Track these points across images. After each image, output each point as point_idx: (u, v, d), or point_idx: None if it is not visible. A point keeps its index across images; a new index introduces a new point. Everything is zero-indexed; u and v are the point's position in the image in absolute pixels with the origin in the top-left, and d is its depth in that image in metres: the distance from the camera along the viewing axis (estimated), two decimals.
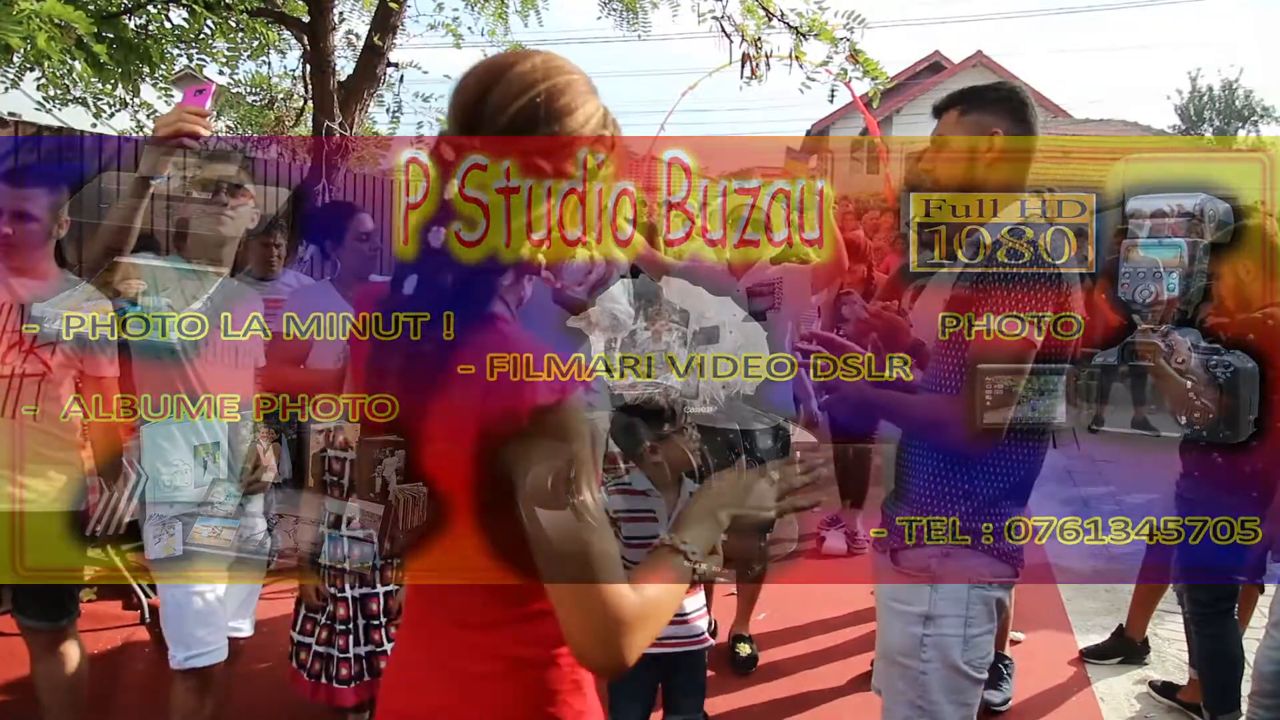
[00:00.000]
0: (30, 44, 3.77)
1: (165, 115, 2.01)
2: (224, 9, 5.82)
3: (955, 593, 1.86)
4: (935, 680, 1.86)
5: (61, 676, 2.71)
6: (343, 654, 2.79)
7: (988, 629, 1.90)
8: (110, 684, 3.40)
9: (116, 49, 5.43)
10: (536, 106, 1.07)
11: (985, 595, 1.88)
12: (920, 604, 1.88)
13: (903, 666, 1.90)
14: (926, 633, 1.87)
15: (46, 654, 2.70)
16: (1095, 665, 3.82)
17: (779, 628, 4.05)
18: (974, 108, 1.94)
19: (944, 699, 1.86)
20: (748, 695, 3.49)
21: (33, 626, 2.70)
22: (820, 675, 3.61)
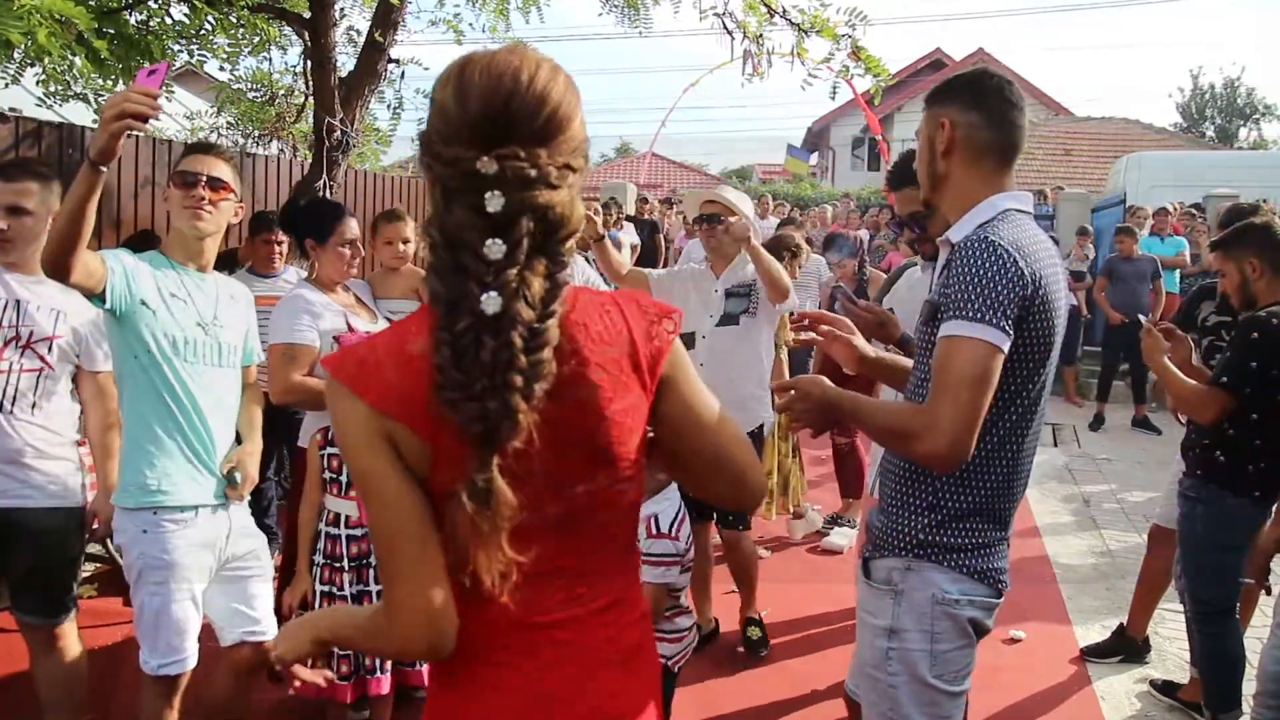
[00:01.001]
0: (31, 40, 3.76)
1: (112, 97, 1.92)
2: (225, 5, 5.80)
3: (918, 607, 1.78)
4: (904, 694, 1.79)
5: (60, 672, 2.71)
6: (341, 651, 2.79)
7: (960, 644, 1.80)
8: (111, 680, 3.39)
9: (117, 45, 5.41)
10: (559, 111, 1.11)
11: (952, 613, 1.77)
12: (884, 617, 1.82)
13: (873, 678, 1.84)
14: (891, 646, 1.80)
15: (45, 650, 2.69)
16: (1096, 664, 3.82)
17: (781, 624, 4.05)
18: (933, 101, 1.87)
19: (915, 711, 1.79)
20: (749, 692, 3.49)
21: (31, 622, 2.69)
22: (821, 672, 3.61)
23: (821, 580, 4.64)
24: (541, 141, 1.09)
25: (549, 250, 1.10)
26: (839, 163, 28.17)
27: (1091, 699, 3.55)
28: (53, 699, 2.71)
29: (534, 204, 1.08)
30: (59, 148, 5.23)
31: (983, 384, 1.61)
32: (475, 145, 1.07)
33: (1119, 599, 4.41)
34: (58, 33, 3.97)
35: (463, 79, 1.11)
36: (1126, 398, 8.96)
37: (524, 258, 1.07)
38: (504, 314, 1.05)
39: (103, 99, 6.34)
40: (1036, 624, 4.15)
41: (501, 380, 1.05)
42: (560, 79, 1.13)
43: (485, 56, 1.12)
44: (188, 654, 2.43)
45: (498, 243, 1.06)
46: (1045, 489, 6.51)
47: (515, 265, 1.06)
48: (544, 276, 1.09)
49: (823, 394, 1.79)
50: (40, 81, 5.85)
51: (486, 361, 1.05)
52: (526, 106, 1.09)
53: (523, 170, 1.07)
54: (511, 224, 1.06)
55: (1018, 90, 1.86)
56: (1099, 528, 5.72)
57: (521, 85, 1.09)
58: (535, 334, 1.07)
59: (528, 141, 1.08)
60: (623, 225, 10.89)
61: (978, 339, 1.61)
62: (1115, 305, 8.69)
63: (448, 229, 1.08)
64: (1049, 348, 1.74)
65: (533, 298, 1.07)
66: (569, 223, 1.12)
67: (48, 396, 2.63)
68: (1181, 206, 10.67)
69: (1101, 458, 7.54)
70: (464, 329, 1.06)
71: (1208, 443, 3.06)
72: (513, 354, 1.05)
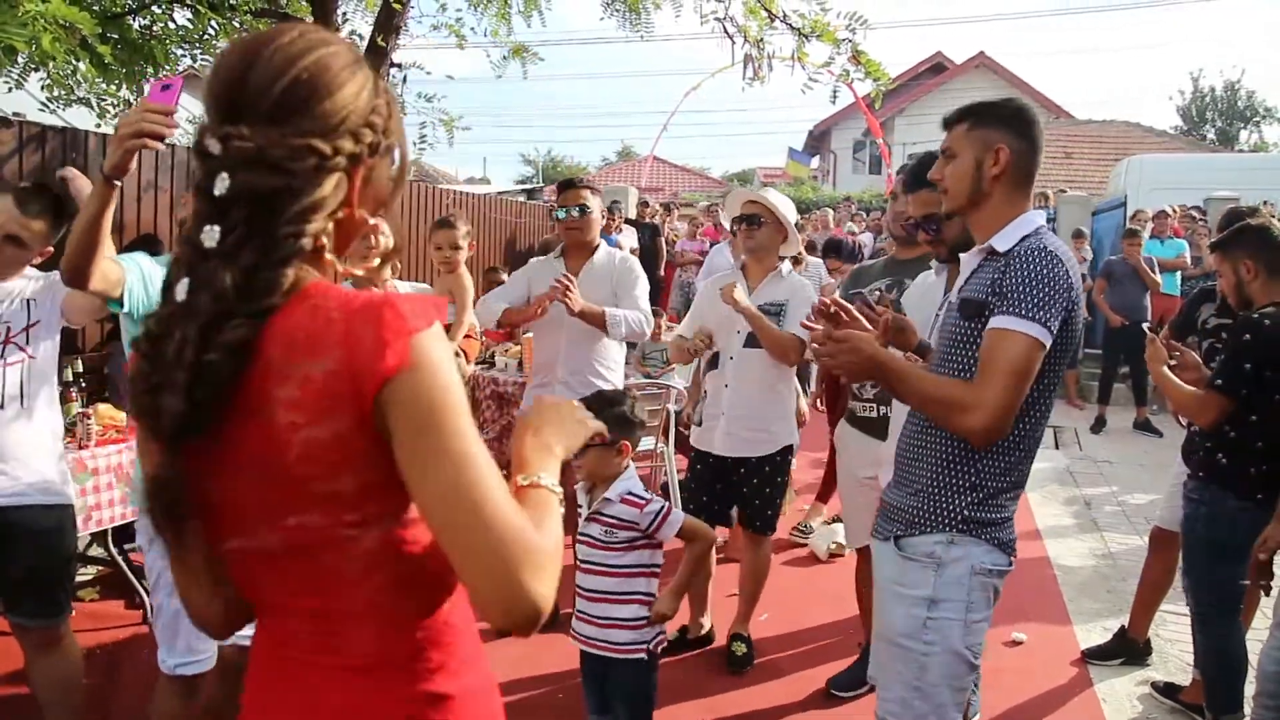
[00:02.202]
0: (35, 45, 3.78)
1: (128, 114, 1.93)
2: (228, 10, 5.83)
3: (958, 578, 1.94)
4: (936, 663, 1.93)
5: (58, 675, 2.70)
6: None
7: (985, 615, 1.98)
8: (113, 683, 3.40)
9: (121, 50, 5.45)
10: (301, 84, 1.01)
11: (985, 582, 1.96)
12: (924, 588, 1.95)
13: (903, 649, 1.97)
14: (930, 616, 1.94)
15: (41, 652, 2.69)
16: (1097, 666, 3.82)
17: (780, 628, 4.05)
18: (981, 122, 2.01)
19: (943, 682, 1.94)
20: (749, 696, 3.49)
21: (26, 625, 2.68)
22: (821, 675, 3.61)
23: (821, 582, 4.64)
24: (278, 119, 0.99)
25: (268, 240, 0.98)
26: (840, 166, 28.18)
27: (1093, 701, 3.56)
28: (51, 702, 2.71)
29: (255, 188, 0.98)
30: (62, 153, 5.24)
31: (1026, 374, 1.84)
32: (213, 123, 1.00)
33: (1120, 601, 4.41)
34: (62, 38, 3.99)
35: (220, 54, 1.06)
36: (1128, 400, 8.96)
37: (231, 248, 0.97)
38: (189, 305, 0.97)
39: (106, 103, 6.37)
40: (1038, 626, 4.15)
41: (174, 378, 0.96)
42: (319, 51, 1.03)
43: (248, 34, 1.07)
44: (206, 654, 2.45)
45: (214, 230, 0.98)
46: (1047, 491, 6.51)
47: (220, 255, 0.97)
48: (244, 271, 0.97)
49: (873, 352, 1.96)
50: (44, 86, 5.87)
51: (170, 356, 0.97)
52: (262, 79, 1.00)
53: (243, 151, 0.98)
54: (230, 210, 0.98)
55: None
56: (1100, 530, 5.72)
57: (262, 56, 1.01)
58: (210, 331, 0.95)
59: (261, 119, 0.99)
60: (623, 229, 10.91)
61: (1028, 335, 1.82)
62: (1114, 307, 8.70)
63: (190, 214, 1.02)
64: (1078, 346, 2.01)
65: (221, 292, 0.96)
66: (307, 212, 0.99)
67: (36, 391, 2.64)
68: (1182, 209, 10.68)
69: (1103, 460, 7.54)
70: (164, 317, 1.00)
71: (1210, 445, 3.06)
72: (188, 351, 0.96)
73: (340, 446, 0.97)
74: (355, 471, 0.98)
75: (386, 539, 1.01)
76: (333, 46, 1.05)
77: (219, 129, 0.99)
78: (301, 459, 0.97)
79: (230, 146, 0.98)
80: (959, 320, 2.00)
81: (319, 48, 1.03)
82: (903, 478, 2.09)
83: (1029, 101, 2.10)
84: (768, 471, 3.67)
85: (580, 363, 3.80)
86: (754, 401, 3.62)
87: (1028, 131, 2.00)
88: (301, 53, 1.02)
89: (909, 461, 2.08)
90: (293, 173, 0.99)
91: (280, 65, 1.00)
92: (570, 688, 3.36)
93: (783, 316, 3.58)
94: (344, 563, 1.01)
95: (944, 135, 2.08)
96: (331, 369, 0.95)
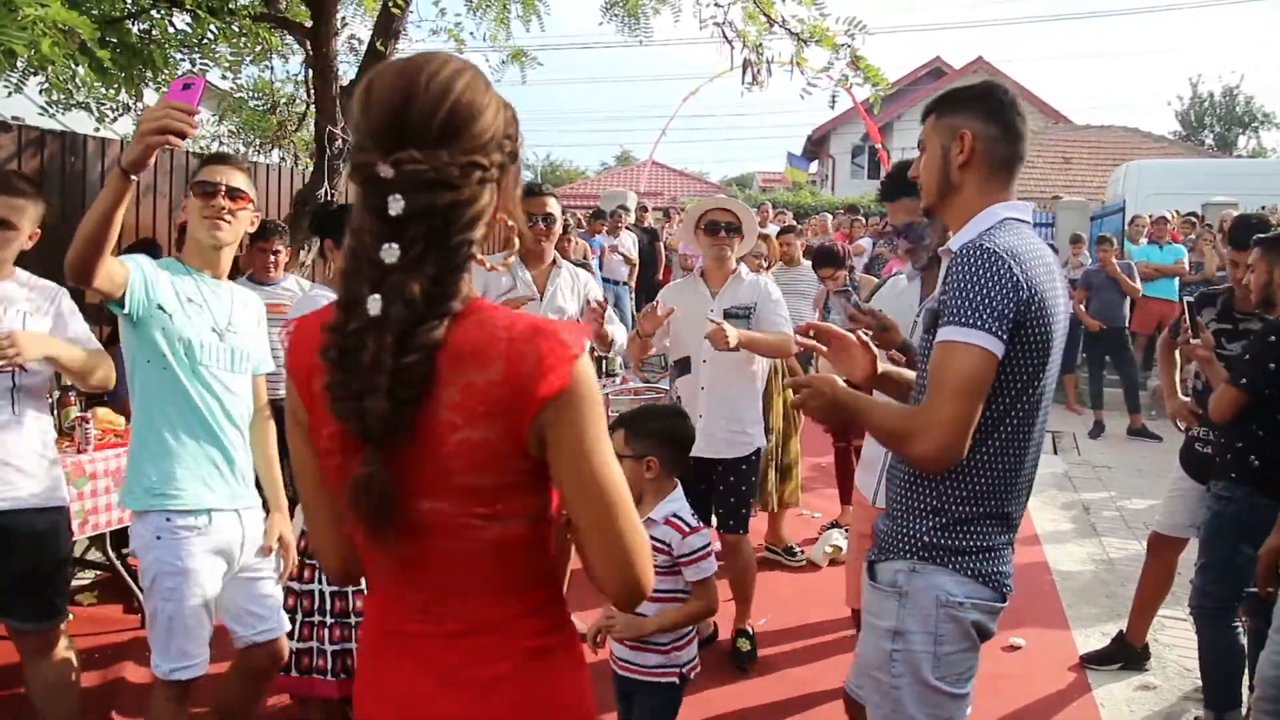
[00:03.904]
0: (34, 49, 3.78)
1: (151, 110, 1.93)
2: (227, 14, 5.83)
3: (923, 609, 1.80)
4: (907, 695, 1.81)
5: (54, 679, 2.70)
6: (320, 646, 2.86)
7: (963, 647, 1.82)
8: (109, 687, 3.40)
9: (120, 54, 5.45)
10: (458, 110, 1.11)
11: (956, 615, 1.79)
12: (889, 619, 1.84)
13: (876, 680, 1.87)
14: (895, 648, 1.82)
15: (37, 657, 2.69)
16: (1095, 671, 3.82)
17: (780, 630, 4.06)
18: (947, 110, 1.88)
19: (919, 713, 1.81)
20: (748, 697, 3.49)
21: (22, 629, 2.68)
22: (820, 678, 3.61)
23: (819, 586, 4.64)
24: (442, 142, 1.09)
25: (445, 250, 1.10)
26: (839, 171, 28.22)
27: (1091, 706, 3.55)
28: (47, 705, 2.71)
29: (434, 206, 1.08)
30: (61, 156, 5.25)
31: (975, 390, 1.67)
32: (379, 149, 1.09)
33: (1119, 606, 4.41)
34: (61, 42, 3.99)
35: (369, 84, 1.13)
36: (1122, 407, 8.96)
37: (414, 261, 1.08)
38: (383, 317, 1.07)
39: (105, 108, 6.38)
40: (1036, 631, 4.15)
41: (376, 383, 1.07)
42: (464, 77, 1.13)
43: (395, 63, 1.14)
44: (199, 659, 2.45)
45: (393, 247, 1.07)
46: (1045, 497, 6.51)
47: (404, 269, 1.07)
48: (430, 279, 1.08)
49: (834, 392, 1.86)
50: (43, 90, 5.87)
51: (367, 364, 1.07)
52: (424, 108, 1.09)
53: (420, 174, 1.07)
54: (407, 227, 1.08)
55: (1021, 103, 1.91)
56: (1099, 535, 5.72)
57: (419, 86, 1.10)
58: (407, 337, 1.07)
59: (427, 143, 1.09)
60: (621, 232, 10.93)
61: (972, 345, 1.65)
62: (1092, 314, 8.79)
63: (354, 234, 1.11)
64: (1047, 354, 1.76)
65: (412, 300, 1.07)
66: (475, 220, 1.12)
67: (26, 398, 2.63)
68: (1180, 215, 10.70)
69: (1101, 465, 7.54)
70: (354, 331, 1.09)
71: (1240, 446, 3.08)
72: (386, 357, 1.06)
73: (488, 449, 1.10)
74: (497, 473, 1.12)
75: (508, 533, 1.15)
76: (470, 71, 1.15)
77: (387, 155, 1.08)
78: (451, 454, 1.10)
79: (403, 170, 1.07)
80: (924, 334, 1.89)
81: (464, 73, 1.13)
82: (888, 499, 1.99)
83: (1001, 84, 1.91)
84: (743, 470, 3.75)
85: None
86: (730, 402, 3.68)
87: (998, 114, 1.82)
88: (451, 81, 1.11)
89: (889, 483, 1.98)
90: (462, 187, 1.10)
91: (438, 95, 1.10)
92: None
93: (753, 319, 3.67)
94: (460, 548, 1.15)
95: None
96: (494, 379, 1.09)
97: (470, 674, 1.17)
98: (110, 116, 6.49)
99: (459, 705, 1.18)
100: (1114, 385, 9.04)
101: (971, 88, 1.89)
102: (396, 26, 5.90)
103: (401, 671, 1.21)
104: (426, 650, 1.19)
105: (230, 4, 5.72)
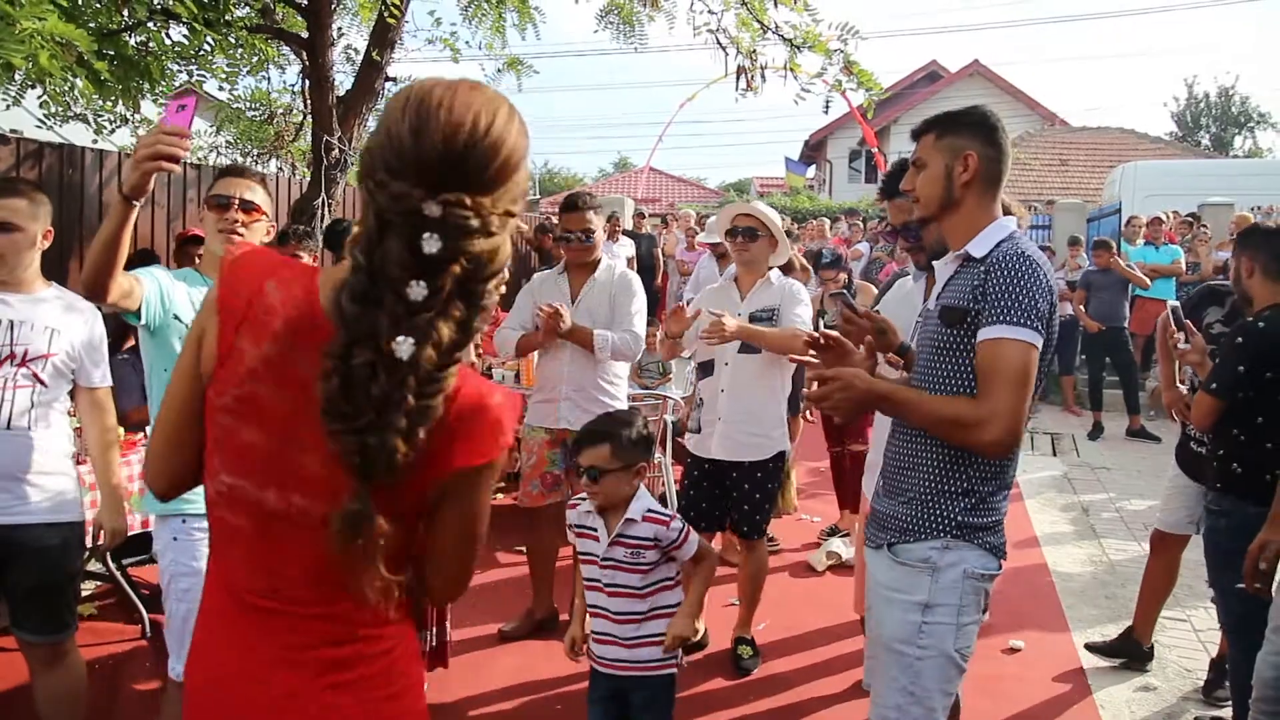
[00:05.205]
0: (32, 62, 3.81)
1: (145, 137, 2.01)
2: (223, 26, 5.85)
3: (953, 583, 1.96)
4: (929, 667, 1.96)
5: (62, 690, 2.71)
6: None
7: (976, 619, 2.01)
8: (112, 699, 3.40)
9: (117, 66, 5.47)
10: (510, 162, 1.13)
11: (977, 586, 1.99)
12: (920, 593, 1.97)
13: (899, 654, 1.98)
14: (925, 620, 1.96)
15: (46, 668, 2.70)
16: (1095, 673, 3.81)
17: (779, 636, 4.06)
18: (949, 131, 2.05)
19: (935, 686, 1.96)
20: (748, 703, 3.49)
21: (32, 640, 2.69)
22: (820, 683, 3.61)
23: (818, 592, 4.64)
24: (488, 189, 1.10)
25: (471, 294, 1.11)
26: (836, 175, 28.26)
27: (1091, 707, 3.55)
28: (54, 717, 2.71)
29: (469, 251, 1.08)
30: (59, 168, 5.27)
31: (1028, 380, 1.87)
32: (422, 184, 1.06)
33: (1118, 608, 4.41)
34: (59, 55, 4.02)
35: (421, 113, 1.09)
36: (1124, 406, 8.97)
37: (443, 303, 1.08)
38: (412, 359, 1.06)
39: (103, 119, 6.41)
40: (1036, 633, 4.14)
41: (387, 419, 1.06)
42: (515, 124, 1.14)
43: (447, 93, 1.11)
44: None
45: (422, 285, 1.06)
46: (1044, 499, 6.51)
47: (432, 310, 1.07)
48: (457, 323, 1.09)
49: (866, 386, 1.95)
50: (41, 103, 5.90)
51: (376, 397, 1.05)
52: (482, 155, 1.09)
53: (466, 219, 1.07)
54: (442, 268, 1.07)
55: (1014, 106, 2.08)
56: (1098, 537, 5.72)
57: (480, 131, 1.09)
58: (433, 380, 1.08)
59: (476, 189, 1.09)
60: (619, 239, 10.94)
61: (1022, 341, 1.85)
62: (1092, 315, 8.78)
63: (376, 259, 1.07)
64: (1051, 344, 1.98)
65: (441, 344, 1.08)
66: (498, 267, 1.13)
67: (44, 413, 2.64)
68: (1177, 215, 10.72)
69: (1100, 467, 7.54)
70: (362, 364, 1.06)
71: (1223, 454, 3.03)
72: (404, 396, 1.06)
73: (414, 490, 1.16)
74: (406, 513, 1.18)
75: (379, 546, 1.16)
76: (517, 117, 1.15)
77: (433, 192, 1.06)
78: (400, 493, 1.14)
79: (451, 212, 1.06)
80: (940, 328, 2.00)
81: (513, 120, 1.14)
82: (893, 487, 2.09)
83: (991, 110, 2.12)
84: (760, 477, 3.69)
85: (584, 379, 3.83)
86: (751, 405, 3.65)
87: (994, 138, 2.03)
88: (505, 131, 1.12)
89: (899, 470, 2.08)
90: (496, 234, 1.11)
91: (495, 143, 1.10)
92: (567, 696, 3.37)
93: (775, 320, 3.64)
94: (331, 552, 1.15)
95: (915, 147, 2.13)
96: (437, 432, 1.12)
97: (312, 654, 1.20)
98: (108, 128, 6.52)
99: (295, 681, 1.20)
100: (1113, 386, 9.05)
101: (970, 112, 2.08)
102: (392, 36, 5.94)
103: (244, 641, 1.22)
104: (271, 625, 1.21)
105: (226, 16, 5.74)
